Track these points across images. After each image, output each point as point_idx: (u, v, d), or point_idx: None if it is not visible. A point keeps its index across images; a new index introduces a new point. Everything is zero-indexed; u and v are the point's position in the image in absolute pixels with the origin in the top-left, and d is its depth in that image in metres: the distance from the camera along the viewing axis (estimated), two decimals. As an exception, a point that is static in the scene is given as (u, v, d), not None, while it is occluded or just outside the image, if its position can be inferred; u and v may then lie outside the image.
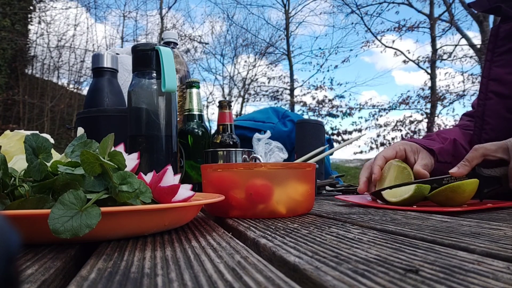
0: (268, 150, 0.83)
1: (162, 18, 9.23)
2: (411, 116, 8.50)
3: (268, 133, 0.87)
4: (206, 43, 9.78)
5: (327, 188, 0.99)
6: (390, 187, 0.63)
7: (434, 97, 8.11)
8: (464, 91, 7.86)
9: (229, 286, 0.20)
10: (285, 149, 0.87)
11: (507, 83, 0.84)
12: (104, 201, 0.35)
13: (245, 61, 10.03)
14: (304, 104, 9.23)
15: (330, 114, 8.90)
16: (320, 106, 9.09)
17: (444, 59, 8.14)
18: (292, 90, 9.44)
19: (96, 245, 0.32)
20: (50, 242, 0.32)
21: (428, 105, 8.37)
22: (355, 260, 0.25)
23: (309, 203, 0.54)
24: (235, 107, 9.47)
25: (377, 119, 8.80)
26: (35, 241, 0.32)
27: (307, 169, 0.53)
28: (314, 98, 9.21)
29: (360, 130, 8.86)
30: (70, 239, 0.29)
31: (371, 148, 8.77)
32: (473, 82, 7.82)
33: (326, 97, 9.12)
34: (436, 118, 8.25)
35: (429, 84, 8.34)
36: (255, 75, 9.84)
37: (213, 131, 0.93)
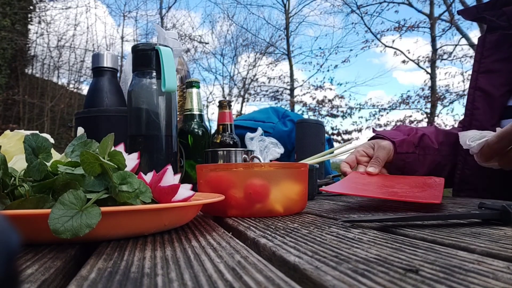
0: (263, 147, 0.83)
1: (162, 18, 9.23)
2: (411, 116, 8.50)
3: (260, 130, 0.87)
4: (206, 43, 9.79)
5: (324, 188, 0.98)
6: None
7: (434, 97, 8.10)
8: (464, 90, 7.86)
9: (229, 285, 0.20)
10: (281, 145, 0.87)
11: (492, 94, 0.85)
12: (104, 201, 0.35)
13: (245, 61, 10.04)
14: (304, 104, 9.24)
15: (331, 115, 8.89)
16: (320, 106, 9.10)
17: (444, 59, 8.14)
18: (292, 90, 9.44)
19: (96, 245, 0.32)
20: (50, 242, 0.32)
21: (428, 105, 8.37)
22: (355, 260, 0.25)
23: (304, 201, 0.55)
24: (235, 107, 9.48)
25: (378, 119, 8.80)
26: (35, 241, 0.32)
27: (302, 169, 0.54)
28: (314, 98, 9.21)
29: (360, 130, 8.86)
30: (70, 239, 0.29)
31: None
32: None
33: (326, 97, 9.13)
34: (436, 118, 8.24)
35: (429, 84, 8.35)
36: (255, 75, 9.84)
37: (213, 131, 0.93)
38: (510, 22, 0.81)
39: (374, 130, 0.92)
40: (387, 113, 8.89)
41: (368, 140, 0.88)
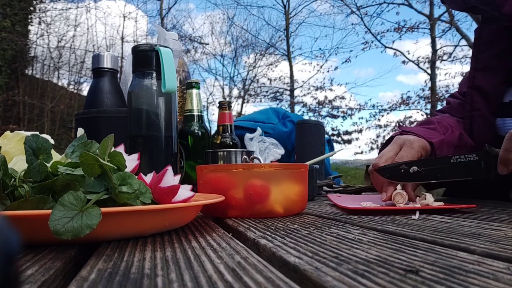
0: (264, 148, 0.83)
1: (162, 19, 9.24)
2: (411, 117, 8.50)
3: (259, 130, 0.87)
4: (206, 44, 9.79)
5: (325, 188, 0.99)
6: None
7: (434, 98, 8.10)
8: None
9: (229, 286, 0.20)
10: (281, 146, 0.87)
11: (491, 94, 0.78)
12: (104, 201, 0.35)
13: (245, 62, 10.05)
14: (305, 105, 9.25)
15: (332, 115, 8.91)
16: (320, 106, 9.10)
17: (444, 60, 8.14)
18: (292, 90, 9.45)
19: (96, 246, 0.32)
20: (50, 243, 0.32)
21: (428, 106, 8.37)
22: (355, 261, 0.25)
23: (304, 202, 0.55)
24: (235, 108, 9.48)
25: (379, 120, 8.81)
26: (35, 242, 0.32)
27: (301, 170, 0.54)
28: (315, 98, 9.22)
29: (360, 131, 8.86)
30: (70, 240, 0.29)
31: (372, 149, 8.77)
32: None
33: (326, 97, 9.13)
34: (436, 118, 8.21)
35: (429, 84, 8.35)
36: (255, 75, 9.85)
37: (213, 132, 0.93)
38: (500, 11, 0.72)
39: (400, 126, 0.83)
40: (388, 113, 8.90)
41: (389, 138, 0.74)
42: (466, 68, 7.82)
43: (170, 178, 0.40)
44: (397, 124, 8.22)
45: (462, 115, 0.85)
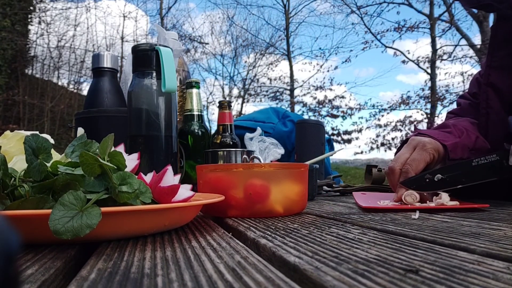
0: (264, 148, 0.83)
1: (162, 18, 9.24)
2: (411, 116, 8.50)
3: (259, 130, 0.86)
4: (206, 43, 9.79)
5: (325, 188, 0.99)
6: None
7: (434, 97, 8.10)
8: (464, 91, 7.84)
9: (229, 286, 0.20)
10: (281, 146, 0.87)
11: (505, 92, 0.78)
12: (104, 201, 0.35)
13: (245, 61, 10.05)
14: (305, 105, 9.25)
15: (332, 115, 8.90)
16: (320, 106, 9.10)
17: (444, 59, 8.14)
18: (292, 90, 9.45)
19: (96, 246, 0.32)
20: (50, 242, 0.32)
21: (428, 105, 8.38)
22: (355, 260, 0.25)
23: (304, 202, 0.55)
24: (235, 107, 9.48)
25: (378, 119, 8.81)
26: (35, 241, 0.32)
27: (301, 169, 0.54)
28: (315, 98, 9.23)
29: (360, 131, 8.86)
30: (70, 239, 0.29)
31: (372, 148, 8.78)
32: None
33: (326, 96, 9.13)
34: (436, 118, 8.24)
35: (429, 84, 8.35)
36: (255, 75, 9.85)
37: (213, 131, 0.93)
38: None
39: (416, 129, 0.84)
40: (388, 113, 8.90)
41: (405, 139, 0.75)
42: (466, 67, 7.84)
43: (170, 177, 0.40)
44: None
45: (473, 116, 0.85)
